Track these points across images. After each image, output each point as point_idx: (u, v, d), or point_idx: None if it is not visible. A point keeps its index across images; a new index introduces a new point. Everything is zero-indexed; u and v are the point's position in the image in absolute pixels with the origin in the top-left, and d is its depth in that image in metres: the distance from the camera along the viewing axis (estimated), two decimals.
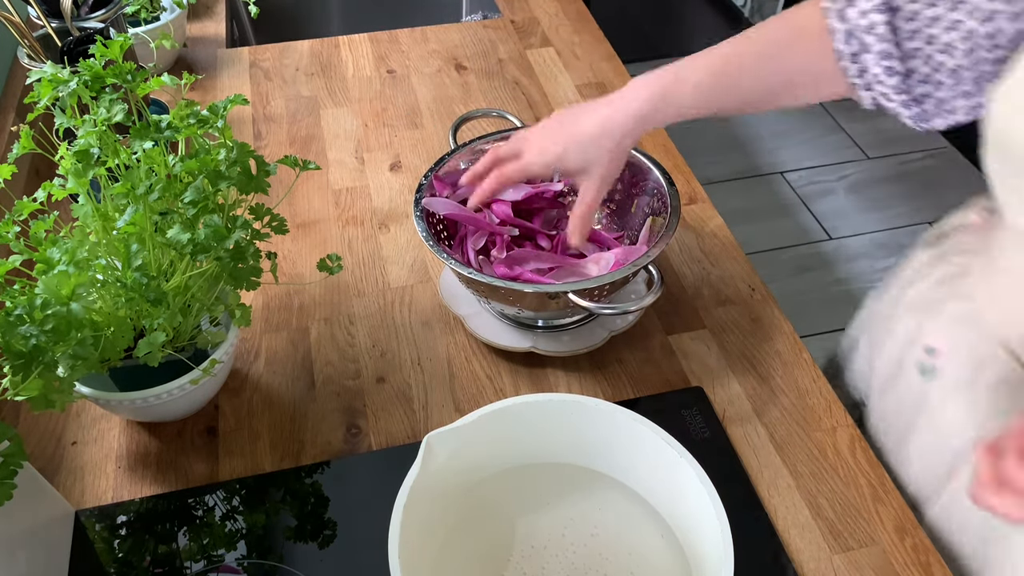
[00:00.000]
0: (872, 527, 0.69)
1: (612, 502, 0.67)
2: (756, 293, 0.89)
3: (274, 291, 0.89)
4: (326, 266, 0.72)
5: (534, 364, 0.82)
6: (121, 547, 0.68)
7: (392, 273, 0.91)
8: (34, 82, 0.67)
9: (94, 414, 0.77)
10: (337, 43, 1.28)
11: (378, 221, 0.97)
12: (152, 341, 0.61)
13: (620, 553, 0.64)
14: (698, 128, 2.80)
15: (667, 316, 0.87)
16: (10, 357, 0.54)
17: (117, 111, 0.66)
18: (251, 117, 1.13)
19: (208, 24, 1.32)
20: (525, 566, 0.63)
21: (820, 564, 0.67)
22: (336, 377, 0.81)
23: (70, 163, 0.65)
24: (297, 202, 1.00)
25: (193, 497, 0.71)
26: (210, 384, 0.73)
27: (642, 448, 0.63)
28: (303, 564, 0.67)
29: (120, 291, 0.62)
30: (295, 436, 0.76)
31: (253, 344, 0.84)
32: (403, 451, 0.74)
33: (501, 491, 0.67)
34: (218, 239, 0.62)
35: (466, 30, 1.31)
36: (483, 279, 0.72)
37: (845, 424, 0.77)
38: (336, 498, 0.71)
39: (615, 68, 1.23)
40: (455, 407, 0.78)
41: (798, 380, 0.81)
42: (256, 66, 1.22)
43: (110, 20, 1.00)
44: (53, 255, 0.61)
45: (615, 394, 0.79)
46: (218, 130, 0.68)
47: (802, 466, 0.74)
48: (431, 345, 0.84)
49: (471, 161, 0.85)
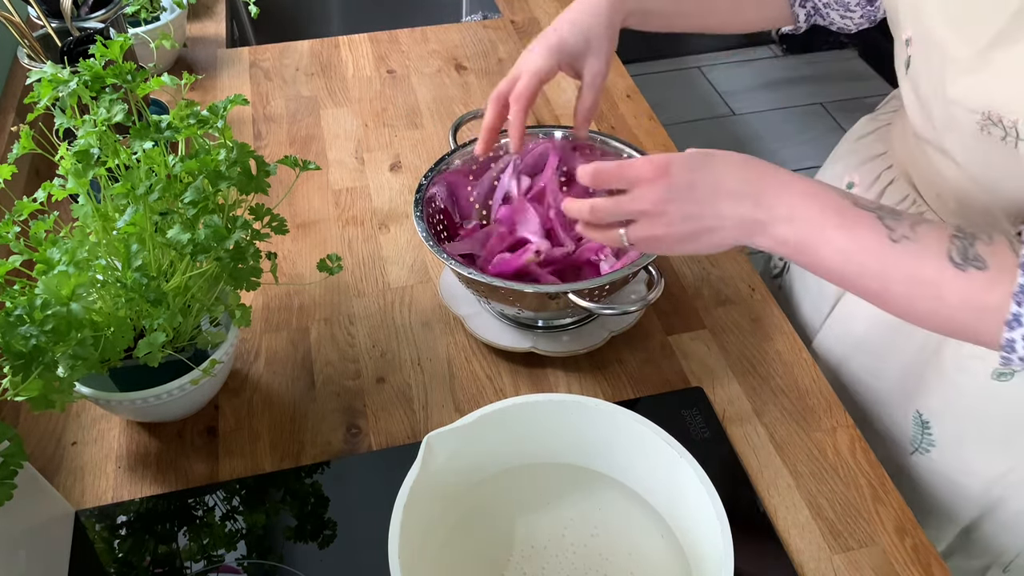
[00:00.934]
0: (872, 527, 0.69)
1: (612, 502, 0.67)
2: (756, 293, 0.89)
3: (274, 291, 0.89)
4: (326, 266, 0.72)
5: (534, 364, 0.82)
6: (121, 547, 0.68)
7: (392, 273, 0.91)
8: (34, 82, 0.67)
9: (94, 414, 0.77)
10: (337, 43, 1.28)
11: (378, 221, 0.97)
12: (152, 341, 0.61)
13: (620, 553, 0.64)
14: (698, 128, 2.80)
15: (667, 316, 0.87)
16: (10, 357, 0.54)
17: (117, 111, 0.66)
18: (251, 117, 1.13)
19: (208, 24, 1.32)
20: (525, 566, 0.63)
21: (820, 564, 0.67)
22: (336, 377, 0.81)
23: (70, 163, 0.65)
24: (297, 202, 1.00)
25: (193, 497, 0.71)
26: (210, 384, 0.73)
27: (642, 448, 0.63)
28: (303, 564, 0.67)
29: (120, 291, 0.62)
30: (295, 436, 0.76)
31: (253, 344, 0.84)
32: (403, 451, 0.74)
33: (501, 491, 0.67)
34: (218, 239, 0.62)
35: (466, 30, 1.31)
36: (483, 279, 0.72)
37: (845, 424, 0.77)
38: (336, 498, 0.71)
39: (615, 68, 1.22)
40: (455, 407, 0.78)
41: (798, 380, 0.81)
42: (256, 66, 1.22)
43: (110, 20, 1.00)
44: (53, 255, 0.61)
45: (615, 394, 0.79)
46: (218, 130, 0.68)
47: (802, 466, 0.74)
48: (431, 345, 0.84)
49: (470, 162, 0.85)
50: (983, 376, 0.70)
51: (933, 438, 0.76)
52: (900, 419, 0.80)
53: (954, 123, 0.62)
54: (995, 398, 0.70)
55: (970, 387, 0.71)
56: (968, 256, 0.52)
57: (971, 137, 0.60)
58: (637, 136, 1.11)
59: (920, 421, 0.77)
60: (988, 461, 0.74)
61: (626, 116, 1.14)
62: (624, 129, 1.12)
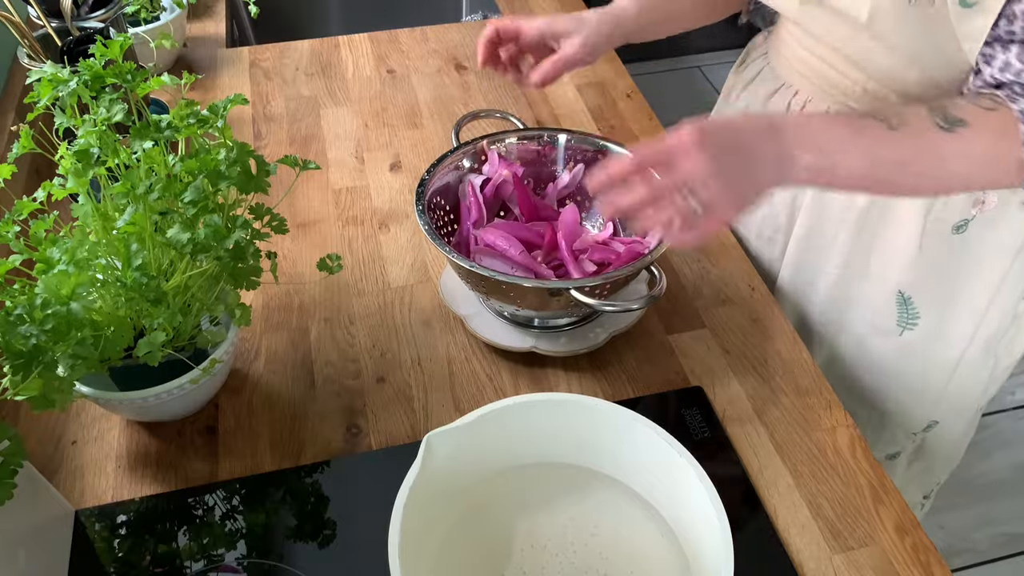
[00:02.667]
0: (872, 527, 0.69)
1: (612, 502, 0.67)
2: (756, 293, 0.89)
3: (274, 291, 0.89)
4: (326, 266, 0.72)
5: (534, 364, 0.82)
6: (121, 547, 0.68)
7: (392, 273, 0.91)
8: (34, 82, 0.67)
9: (94, 414, 0.77)
10: (337, 43, 1.28)
11: (378, 221, 0.97)
12: (152, 341, 0.61)
13: (620, 553, 0.64)
14: None
15: (667, 316, 0.87)
16: (10, 357, 0.54)
17: (117, 111, 0.66)
18: (251, 117, 1.13)
19: (208, 24, 1.32)
20: (525, 566, 0.63)
21: (820, 564, 0.67)
22: (336, 377, 0.81)
23: (70, 163, 0.65)
24: (297, 202, 1.00)
25: (193, 497, 0.71)
26: (210, 384, 0.73)
27: (642, 448, 0.63)
28: (303, 564, 0.67)
29: (120, 291, 0.62)
30: (295, 436, 0.76)
31: (253, 344, 0.84)
32: (403, 451, 0.74)
33: (501, 491, 0.67)
34: (218, 239, 0.62)
35: (466, 30, 1.31)
36: (484, 272, 0.72)
37: (845, 424, 0.77)
38: (336, 498, 0.71)
39: (615, 68, 1.23)
40: (455, 407, 0.78)
41: (798, 380, 0.81)
42: (256, 66, 1.22)
43: (110, 20, 1.00)
44: (53, 255, 0.61)
45: (615, 394, 0.79)
46: (218, 130, 0.68)
47: (802, 466, 0.74)
48: (431, 345, 0.84)
49: (473, 156, 0.85)
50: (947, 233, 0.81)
51: (916, 310, 0.86)
52: (882, 304, 0.88)
53: (879, 9, 0.68)
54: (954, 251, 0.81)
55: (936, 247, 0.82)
56: (949, 119, 0.62)
57: (900, 15, 0.67)
58: (637, 136, 1.11)
59: (902, 298, 0.86)
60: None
61: (626, 116, 1.14)
62: (624, 129, 1.12)
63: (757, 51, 0.96)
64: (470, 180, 0.86)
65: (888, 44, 0.71)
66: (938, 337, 0.88)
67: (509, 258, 0.81)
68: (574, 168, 0.88)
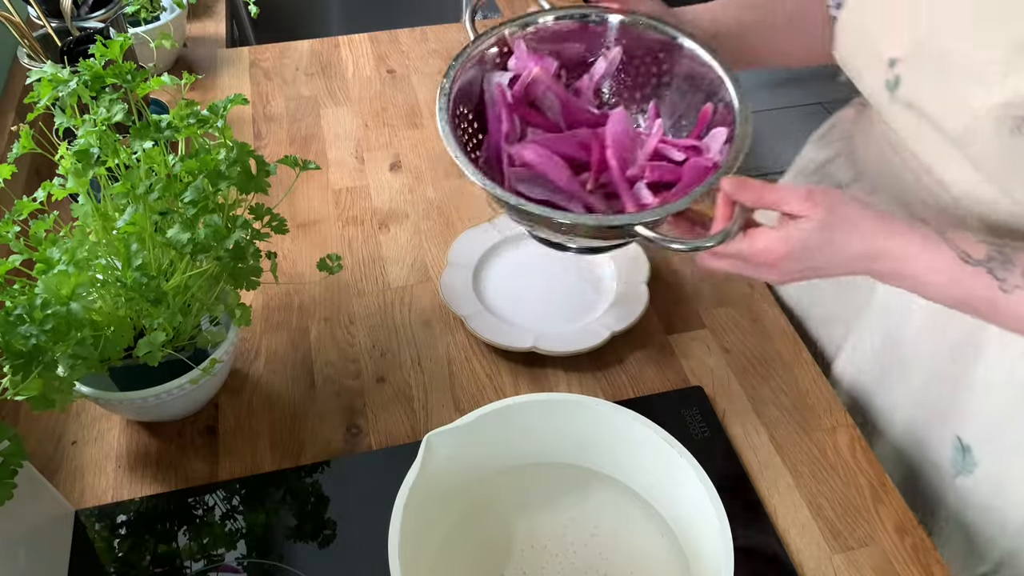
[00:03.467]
0: (872, 527, 0.69)
1: (612, 502, 0.67)
2: (756, 293, 0.89)
3: (274, 291, 0.89)
4: (326, 266, 0.72)
5: (534, 364, 0.82)
6: (121, 547, 0.68)
7: (392, 273, 0.91)
8: (34, 82, 0.67)
9: (94, 414, 0.77)
10: (337, 43, 1.27)
11: (378, 221, 0.97)
12: (152, 341, 0.61)
13: (620, 553, 0.64)
14: None
15: (667, 316, 0.87)
16: (10, 357, 0.54)
17: (117, 111, 0.66)
18: (251, 117, 1.13)
19: (208, 24, 1.32)
20: (525, 566, 0.63)
21: (820, 564, 0.67)
22: (336, 377, 0.81)
23: (70, 163, 0.65)
24: (297, 202, 1.00)
25: (193, 497, 0.71)
26: (210, 384, 0.73)
27: (642, 448, 0.63)
28: (303, 564, 0.67)
29: (120, 291, 0.62)
30: (295, 436, 0.76)
31: (253, 344, 0.84)
32: (403, 451, 0.74)
33: (501, 491, 0.67)
34: (218, 239, 0.62)
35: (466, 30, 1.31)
36: (537, 211, 0.61)
37: (845, 424, 0.77)
38: (336, 498, 0.71)
39: None
40: (455, 407, 0.78)
41: (798, 380, 0.81)
42: (256, 66, 1.22)
43: (110, 20, 1.00)
44: (53, 255, 0.61)
45: (615, 394, 0.79)
46: (218, 130, 0.68)
47: (802, 466, 0.74)
48: (431, 345, 0.84)
49: (496, 46, 0.75)
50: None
51: (975, 458, 0.74)
52: (937, 444, 0.77)
53: (978, 132, 0.61)
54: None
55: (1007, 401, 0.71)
56: None
57: (1002, 142, 0.60)
58: None
59: (960, 446, 0.74)
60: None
61: None
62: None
63: (842, 128, 0.89)
64: (498, 82, 0.72)
65: (980, 167, 0.64)
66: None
67: (552, 181, 0.69)
68: (611, 53, 0.74)
